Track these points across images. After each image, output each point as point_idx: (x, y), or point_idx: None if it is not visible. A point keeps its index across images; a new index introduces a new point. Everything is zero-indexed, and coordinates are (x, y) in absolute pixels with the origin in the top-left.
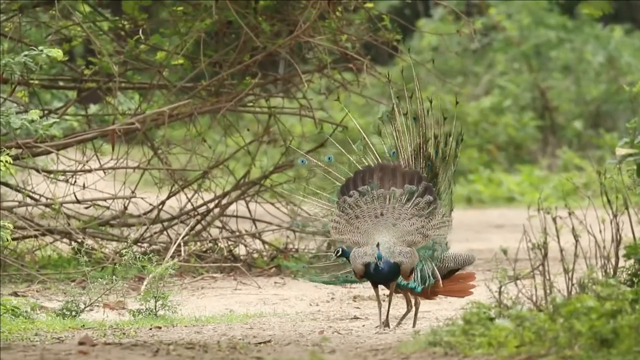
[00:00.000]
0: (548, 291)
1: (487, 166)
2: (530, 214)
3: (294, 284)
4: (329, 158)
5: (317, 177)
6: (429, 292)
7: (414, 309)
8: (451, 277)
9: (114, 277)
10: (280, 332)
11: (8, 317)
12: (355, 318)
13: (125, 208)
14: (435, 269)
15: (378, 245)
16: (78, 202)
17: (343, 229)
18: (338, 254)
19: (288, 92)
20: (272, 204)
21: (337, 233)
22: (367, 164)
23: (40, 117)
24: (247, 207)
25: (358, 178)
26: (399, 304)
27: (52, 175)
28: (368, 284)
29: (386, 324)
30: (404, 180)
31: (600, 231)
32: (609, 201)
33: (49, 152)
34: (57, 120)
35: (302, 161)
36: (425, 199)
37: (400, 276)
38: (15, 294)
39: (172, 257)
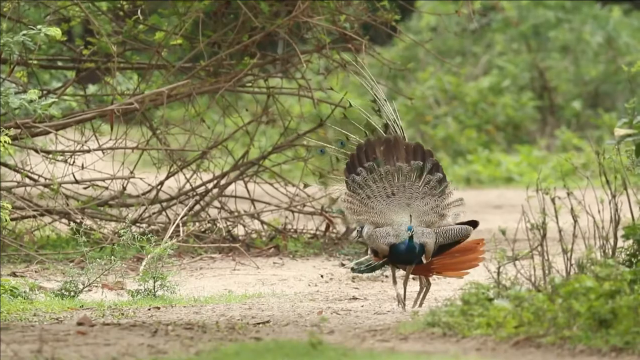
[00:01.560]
0: (547, 271)
1: (485, 146)
2: (529, 194)
3: (292, 264)
4: (341, 143)
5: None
6: (425, 270)
7: (425, 288)
8: (446, 252)
9: (112, 257)
10: (278, 312)
11: (7, 297)
12: (354, 299)
13: (124, 188)
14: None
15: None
16: (77, 182)
17: (358, 209)
18: (360, 234)
19: (287, 73)
20: (271, 184)
21: (353, 213)
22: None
23: (39, 97)
24: (246, 188)
25: (361, 153)
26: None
27: (50, 156)
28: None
29: (402, 304)
30: (407, 154)
31: (599, 211)
32: (607, 181)
33: (47, 132)
34: (56, 100)
35: (321, 151)
36: (436, 177)
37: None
38: (14, 274)
39: (171, 238)
